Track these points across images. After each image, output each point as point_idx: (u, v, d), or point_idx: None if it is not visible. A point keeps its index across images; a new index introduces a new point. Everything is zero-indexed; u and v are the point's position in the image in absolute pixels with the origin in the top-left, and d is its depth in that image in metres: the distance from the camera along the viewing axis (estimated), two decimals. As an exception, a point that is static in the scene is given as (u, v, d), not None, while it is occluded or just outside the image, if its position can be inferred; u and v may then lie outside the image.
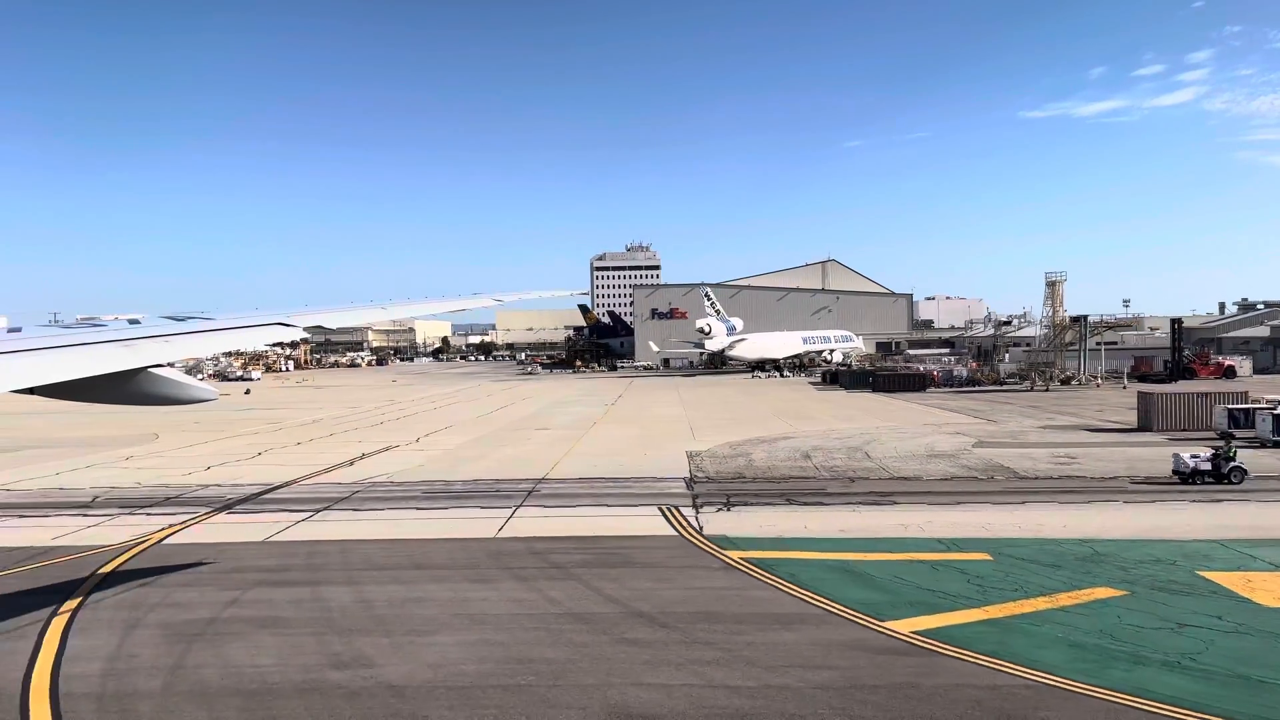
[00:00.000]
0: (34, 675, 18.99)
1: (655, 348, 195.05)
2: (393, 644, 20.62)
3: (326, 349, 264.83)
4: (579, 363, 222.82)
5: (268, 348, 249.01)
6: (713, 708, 16.65)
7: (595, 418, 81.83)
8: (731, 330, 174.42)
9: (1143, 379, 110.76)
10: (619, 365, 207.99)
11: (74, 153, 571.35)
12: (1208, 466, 39.60)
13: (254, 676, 18.73)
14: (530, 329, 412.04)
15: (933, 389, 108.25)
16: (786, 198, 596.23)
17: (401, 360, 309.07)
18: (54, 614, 23.31)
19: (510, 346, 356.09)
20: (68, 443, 66.11)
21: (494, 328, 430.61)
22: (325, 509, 38.08)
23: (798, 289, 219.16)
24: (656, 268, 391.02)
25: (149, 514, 37.61)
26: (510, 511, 36.71)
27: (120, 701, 17.59)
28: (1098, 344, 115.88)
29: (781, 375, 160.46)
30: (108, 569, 28.38)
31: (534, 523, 34.56)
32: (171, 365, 15.60)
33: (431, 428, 73.91)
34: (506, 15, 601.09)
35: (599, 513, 36.48)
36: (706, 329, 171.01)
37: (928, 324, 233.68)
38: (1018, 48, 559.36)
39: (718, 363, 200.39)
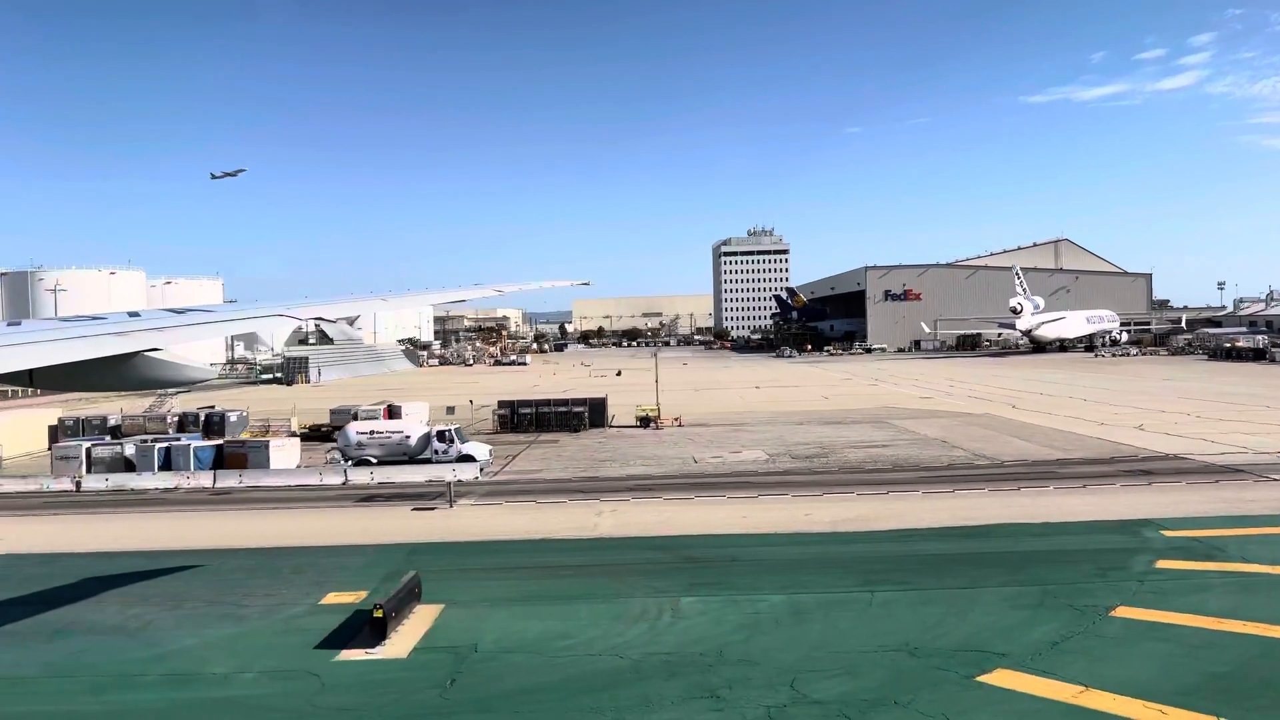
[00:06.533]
0: None
1: (927, 329, 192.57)
2: None
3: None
4: (809, 345, 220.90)
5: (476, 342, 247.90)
6: None
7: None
8: (1037, 309, 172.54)
9: None
10: (870, 349, 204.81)
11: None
12: None
13: None
14: (608, 316, 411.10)
15: None
16: (786, 185, 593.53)
17: (557, 348, 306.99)
18: None
19: (668, 330, 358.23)
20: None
21: (570, 316, 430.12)
22: None
23: (1035, 269, 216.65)
24: (785, 252, 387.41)
25: None
26: None
27: None
28: None
29: (1084, 353, 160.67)
30: None
31: None
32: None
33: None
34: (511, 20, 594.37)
35: None
36: (1018, 308, 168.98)
37: (1163, 304, 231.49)
38: (1019, 32, 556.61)
39: (969, 344, 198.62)
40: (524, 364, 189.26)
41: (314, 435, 62.62)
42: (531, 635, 21.79)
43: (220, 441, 48.49)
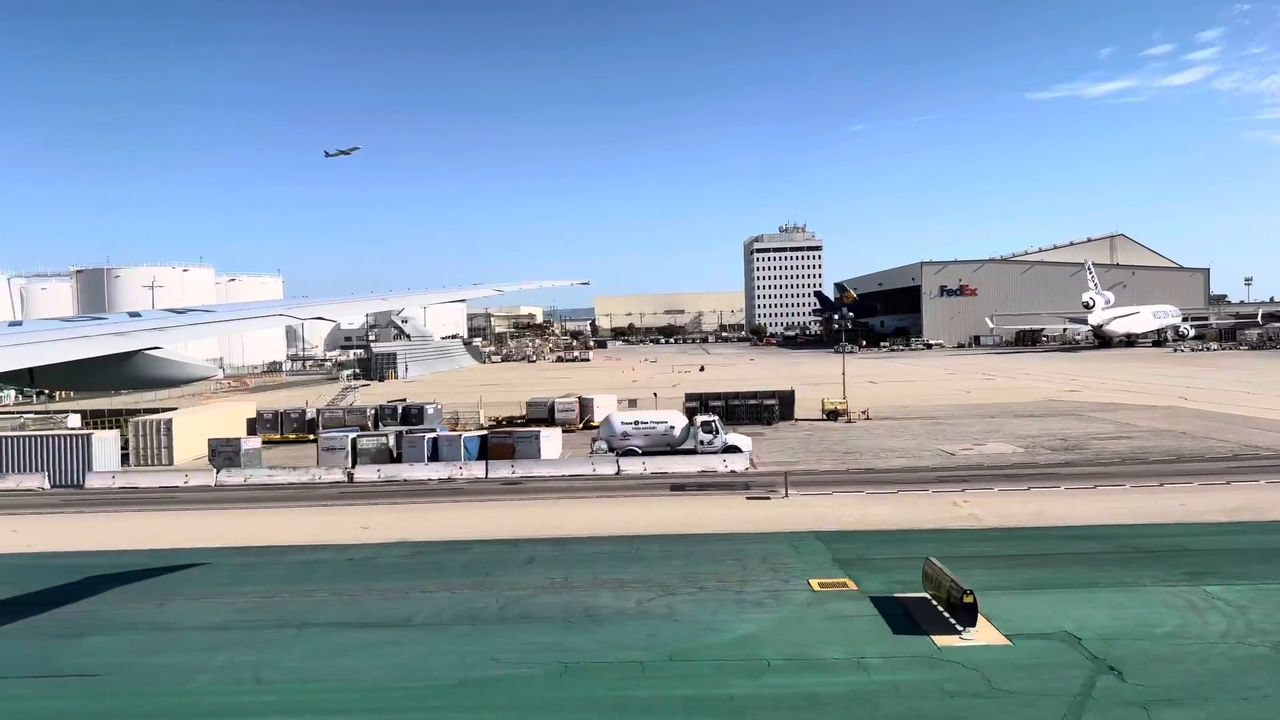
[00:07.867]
0: None
1: (991, 324, 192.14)
2: None
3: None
4: (863, 341, 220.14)
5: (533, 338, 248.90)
6: None
7: None
8: (1108, 304, 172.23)
9: None
10: (929, 344, 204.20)
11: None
12: None
13: None
14: (630, 314, 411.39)
15: None
16: (788, 183, 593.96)
17: (598, 345, 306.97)
18: None
19: (691, 327, 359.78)
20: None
21: (588, 314, 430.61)
22: None
23: (1092, 263, 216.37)
24: (818, 248, 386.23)
25: None
26: None
27: None
28: None
29: (1151, 348, 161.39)
30: None
31: None
32: None
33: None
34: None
35: None
36: (1089, 303, 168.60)
37: (1220, 298, 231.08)
38: (1026, 29, 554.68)
39: (1029, 339, 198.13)
40: (586, 360, 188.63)
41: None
42: (1104, 622, 21.11)
43: (484, 432, 47.78)
